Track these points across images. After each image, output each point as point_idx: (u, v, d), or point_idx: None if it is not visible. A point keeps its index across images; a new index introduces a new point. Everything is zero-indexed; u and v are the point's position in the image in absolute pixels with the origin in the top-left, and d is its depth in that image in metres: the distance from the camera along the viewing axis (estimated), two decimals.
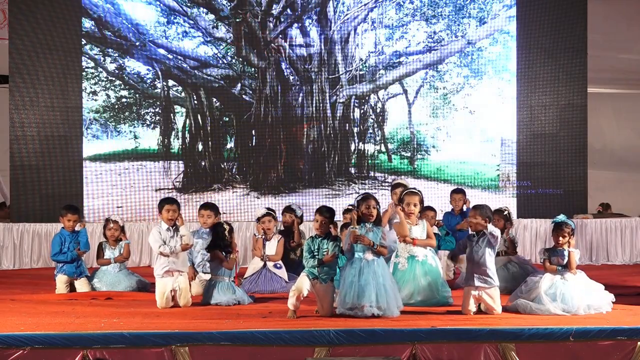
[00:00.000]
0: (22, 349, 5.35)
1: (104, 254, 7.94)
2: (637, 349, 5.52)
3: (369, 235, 6.31)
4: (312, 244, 6.44)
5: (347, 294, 6.19)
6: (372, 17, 11.14)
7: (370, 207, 6.35)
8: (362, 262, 6.27)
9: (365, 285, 6.18)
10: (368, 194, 6.53)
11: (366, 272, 6.24)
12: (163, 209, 7.00)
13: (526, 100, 11.11)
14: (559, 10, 10.98)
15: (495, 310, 6.35)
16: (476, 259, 6.39)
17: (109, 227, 7.96)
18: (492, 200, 10.58)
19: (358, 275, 6.23)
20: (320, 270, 6.34)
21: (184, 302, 6.87)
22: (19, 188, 10.59)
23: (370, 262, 6.28)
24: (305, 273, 6.36)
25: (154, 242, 6.89)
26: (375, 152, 11.25)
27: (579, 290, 6.36)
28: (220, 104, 11.08)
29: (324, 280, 6.33)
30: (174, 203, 7.08)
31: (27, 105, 10.62)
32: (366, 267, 6.26)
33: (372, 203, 6.37)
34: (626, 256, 10.47)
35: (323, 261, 6.32)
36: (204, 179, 11.08)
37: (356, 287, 6.18)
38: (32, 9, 10.52)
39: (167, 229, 6.93)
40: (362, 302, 6.13)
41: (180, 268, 6.92)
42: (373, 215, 6.35)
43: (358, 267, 6.26)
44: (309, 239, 6.52)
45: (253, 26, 10.91)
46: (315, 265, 6.33)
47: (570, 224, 6.53)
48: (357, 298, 6.15)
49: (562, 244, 6.49)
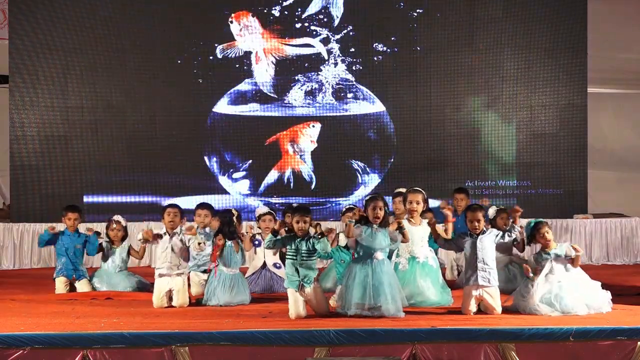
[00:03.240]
0: (22, 349, 5.37)
1: (105, 255, 7.94)
2: (637, 349, 5.53)
3: (377, 235, 6.27)
4: (291, 244, 6.37)
5: (363, 295, 6.14)
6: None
7: (377, 208, 6.30)
8: (373, 262, 6.24)
9: (379, 286, 6.15)
10: (376, 195, 6.48)
11: (378, 271, 6.21)
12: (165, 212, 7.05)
13: (526, 100, 11.11)
14: (559, 10, 10.97)
15: (496, 310, 6.35)
16: (480, 257, 6.39)
17: (112, 227, 7.97)
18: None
19: (372, 275, 6.19)
20: (301, 274, 6.31)
21: (180, 303, 6.87)
22: (19, 188, 10.58)
23: (381, 262, 6.26)
24: (289, 287, 6.32)
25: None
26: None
27: (576, 291, 6.35)
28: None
29: (308, 284, 6.31)
30: (176, 207, 7.15)
31: (27, 105, 10.61)
32: (378, 266, 6.24)
33: (380, 204, 6.30)
34: (626, 256, 10.47)
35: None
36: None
37: (370, 287, 6.14)
38: (32, 9, 10.51)
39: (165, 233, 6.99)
40: (379, 302, 6.11)
41: (176, 271, 6.94)
42: (379, 217, 6.30)
43: (370, 267, 6.22)
44: (284, 239, 6.44)
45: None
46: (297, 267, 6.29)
47: (542, 221, 6.54)
48: (372, 299, 6.11)
49: (549, 242, 6.46)
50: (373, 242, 6.27)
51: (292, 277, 6.35)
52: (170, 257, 6.96)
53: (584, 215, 10.69)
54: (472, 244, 6.46)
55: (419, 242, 7.03)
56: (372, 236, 6.28)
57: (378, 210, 6.29)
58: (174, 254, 6.98)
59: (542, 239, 6.48)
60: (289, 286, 6.36)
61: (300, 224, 6.37)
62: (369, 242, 6.27)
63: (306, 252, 6.33)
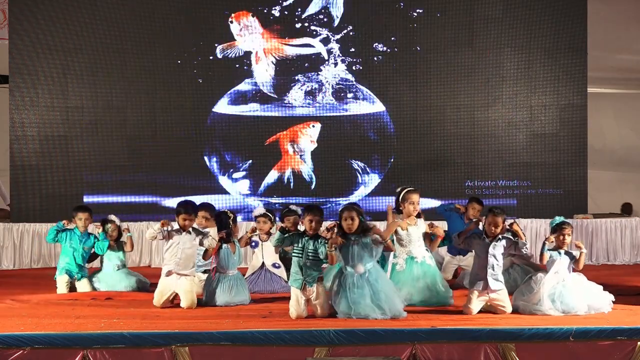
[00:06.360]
0: (22, 349, 5.36)
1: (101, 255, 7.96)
2: (637, 349, 5.53)
3: (354, 250, 6.25)
4: (299, 242, 6.37)
5: (347, 305, 6.14)
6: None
7: (348, 219, 6.29)
8: (354, 277, 6.24)
9: (360, 298, 6.14)
10: (348, 205, 6.50)
11: (359, 285, 6.20)
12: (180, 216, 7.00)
13: (526, 100, 11.11)
14: (559, 10, 10.97)
15: (507, 309, 6.36)
16: (491, 263, 6.39)
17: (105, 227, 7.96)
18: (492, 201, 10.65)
19: (354, 289, 6.18)
20: (305, 274, 6.31)
21: (188, 305, 6.80)
22: (19, 188, 10.58)
23: (362, 276, 6.25)
24: (292, 286, 6.33)
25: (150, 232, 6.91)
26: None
27: (579, 293, 6.36)
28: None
29: (310, 284, 6.30)
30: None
31: (27, 105, 10.62)
32: (359, 280, 6.23)
33: (351, 214, 6.29)
34: (626, 256, 10.47)
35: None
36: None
37: (352, 301, 6.13)
38: (32, 9, 10.51)
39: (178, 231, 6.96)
40: (363, 315, 6.08)
41: (183, 271, 6.90)
42: (352, 227, 6.28)
43: (350, 282, 6.22)
44: (292, 236, 6.44)
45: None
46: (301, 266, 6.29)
47: (569, 223, 6.56)
48: (355, 312, 6.10)
49: (566, 244, 6.50)
50: (353, 257, 6.27)
51: (296, 275, 6.35)
52: (180, 253, 6.90)
53: (584, 215, 10.69)
54: (485, 248, 6.45)
55: (417, 242, 7.03)
56: (349, 251, 6.28)
57: (350, 220, 6.29)
58: (185, 252, 6.92)
59: (561, 239, 6.49)
60: (292, 285, 6.36)
61: (313, 224, 6.36)
62: (346, 258, 6.29)
63: (312, 251, 6.32)
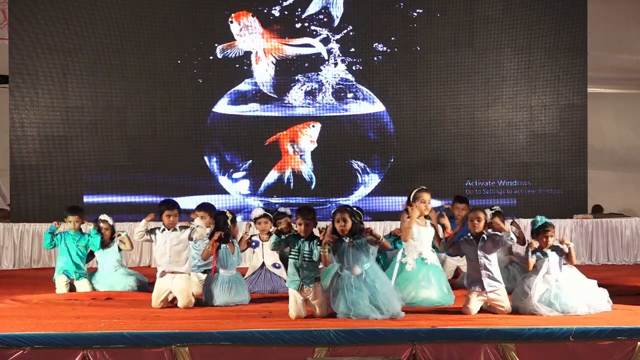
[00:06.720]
0: (22, 349, 5.37)
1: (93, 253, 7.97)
2: (637, 349, 5.53)
3: (349, 251, 6.25)
4: (294, 244, 6.37)
5: (346, 306, 6.15)
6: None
7: (340, 221, 6.29)
8: (351, 279, 6.25)
9: (358, 300, 6.14)
10: (341, 207, 6.49)
11: (357, 286, 6.20)
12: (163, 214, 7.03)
13: (526, 100, 11.11)
14: (559, 10, 10.97)
15: (505, 308, 6.36)
16: (482, 264, 6.38)
17: (98, 226, 7.96)
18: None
19: (352, 289, 6.18)
20: (301, 275, 6.31)
21: (185, 304, 6.83)
22: (19, 188, 10.58)
23: (360, 277, 6.26)
24: (290, 287, 6.33)
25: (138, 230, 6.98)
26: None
27: (574, 290, 6.34)
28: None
29: (308, 284, 6.31)
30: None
31: (27, 105, 10.62)
32: (356, 282, 6.24)
33: (344, 216, 6.30)
34: (626, 256, 10.46)
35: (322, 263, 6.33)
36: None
37: (350, 302, 6.14)
38: (32, 9, 10.51)
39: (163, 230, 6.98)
40: (362, 316, 6.09)
41: (177, 269, 6.91)
42: (345, 229, 6.28)
43: (347, 284, 6.22)
44: (288, 239, 6.45)
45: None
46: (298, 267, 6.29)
47: (551, 223, 6.53)
48: (354, 312, 6.11)
49: (549, 244, 6.48)
50: (348, 260, 6.27)
51: (293, 276, 6.35)
52: (169, 251, 6.91)
53: (584, 215, 10.69)
54: (473, 250, 6.45)
55: (427, 243, 7.04)
56: (344, 253, 6.29)
57: (342, 222, 6.30)
58: (173, 249, 6.93)
59: (543, 239, 6.47)
60: (289, 286, 6.37)
61: (303, 226, 6.37)
62: (342, 260, 6.29)
63: (308, 253, 6.32)
